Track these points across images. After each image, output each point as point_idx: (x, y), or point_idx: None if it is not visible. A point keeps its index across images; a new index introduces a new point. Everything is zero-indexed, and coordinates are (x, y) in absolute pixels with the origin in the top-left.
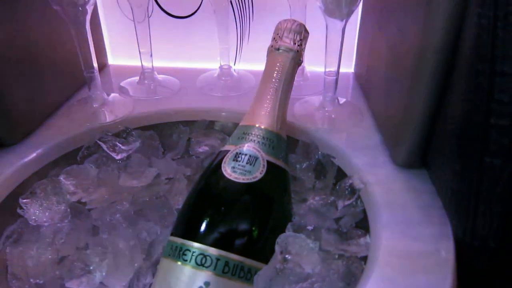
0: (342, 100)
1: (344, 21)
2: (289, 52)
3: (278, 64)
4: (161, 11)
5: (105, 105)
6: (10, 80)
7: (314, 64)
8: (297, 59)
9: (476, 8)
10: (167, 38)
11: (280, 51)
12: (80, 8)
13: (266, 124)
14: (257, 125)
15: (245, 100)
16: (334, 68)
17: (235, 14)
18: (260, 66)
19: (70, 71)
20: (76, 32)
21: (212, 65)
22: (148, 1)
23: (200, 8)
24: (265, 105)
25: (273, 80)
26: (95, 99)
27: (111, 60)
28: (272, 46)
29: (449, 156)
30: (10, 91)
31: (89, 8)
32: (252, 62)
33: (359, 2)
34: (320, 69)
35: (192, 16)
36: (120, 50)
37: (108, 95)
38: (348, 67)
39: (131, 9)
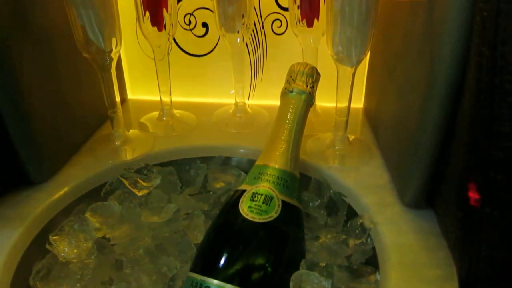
0: (351, 137)
1: (354, 68)
2: (301, 95)
3: (291, 106)
4: (179, 50)
5: (126, 143)
6: (40, 119)
7: (325, 99)
8: (309, 101)
9: (475, 74)
10: (185, 74)
11: (294, 93)
12: (107, 56)
13: (280, 164)
14: (271, 165)
15: (259, 137)
16: (344, 110)
17: (250, 53)
18: (273, 101)
19: (94, 108)
20: (102, 76)
21: (227, 99)
22: (169, 43)
23: (217, 47)
24: (279, 145)
25: (287, 121)
26: (117, 137)
27: (130, 94)
28: (286, 88)
29: (453, 203)
30: (40, 129)
31: (115, 56)
32: (265, 98)
33: (367, 52)
34: (331, 104)
35: (209, 54)
36: (140, 85)
37: (129, 130)
38: (357, 103)
39: (152, 48)
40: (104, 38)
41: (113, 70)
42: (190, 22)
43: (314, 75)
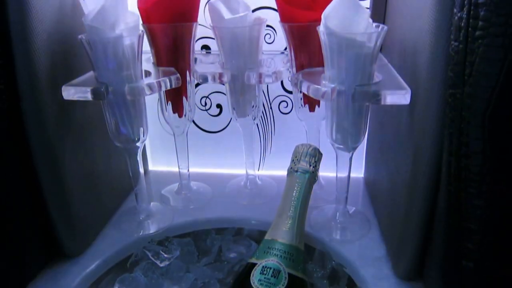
0: (352, 210)
1: (351, 153)
2: (305, 174)
3: (296, 185)
4: (196, 127)
5: (149, 216)
6: (76, 197)
7: (328, 169)
8: (312, 179)
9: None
10: (201, 148)
11: (298, 173)
12: (135, 144)
13: (286, 239)
14: (279, 240)
15: (269, 207)
16: (344, 188)
17: (259, 129)
18: (281, 172)
19: (121, 183)
20: (130, 159)
21: (240, 170)
22: (187, 125)
23: (229, 125)
24: (286, 221)
25: (293, 199)
26: (141, 211)
27: (151, 165)
28: (291, 168)
29: (437, 280)
30: (75, 207)
31: (141, 144)
32: (274, 168)
33: (362, 140)
34: (334, 174)
35: (222, 131)
36: (160, 157)
37: (151, 203)
38: (358, 172)
39: (171, 127)
40: (133, 130)
41: (139, 156)
42: (206, 103)
43: (316, 155)
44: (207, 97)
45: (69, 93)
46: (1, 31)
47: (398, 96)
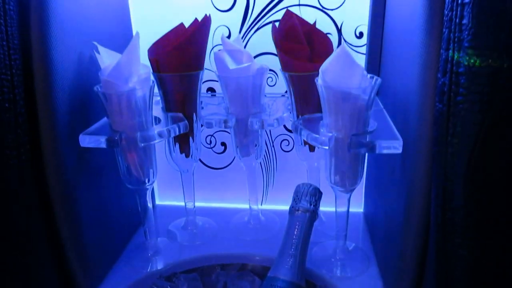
0: (351, 246)
1: (349, 194)
2: (306, 213)
3: (297, 224)
4: (202, 164)
5: (158, 252)
6: (89, 233)
7: (328, 204)
8: (313, 217)
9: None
10: (206, 183)
11: (299, 212)
12: (145, 186)
13: (288, 276)
14: (281, 278)
15: (272, 243)
16: (343, 226)
17: (262, 166)
18: (283, 206)
19: (130, 219)
20: (140, 199)
21: (243, 204)
22: (193, 164)
23: (233, 162)
24: (287, 259)
25: (294, 237)
26: (150, 247)
27: (158, 200)
28: (292, 207)
29: None
30: (89, 244)
31: (150, 186)
32: (277, 202)
33: (360, 182)
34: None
35: (227, 168)
36: (166, 192)
37: (158, 238)
38: (358, 207)
39: (178, 167)
40: (143, 172)
41: (149, 196)
42: (211, 142)
43: (316, 194)
44: (212, 135)
45: (86, 141)
46: (26, 88)
47: (391, 146)
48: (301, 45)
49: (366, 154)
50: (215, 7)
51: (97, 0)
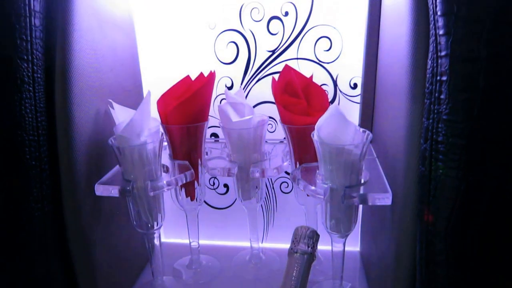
0: (348, 286)
1: (344, 238)
2: (304, 255)
3: (296, 265)
4: (206, 204)
5: None
6: (101, 273)
7: (326, 243)
8: (311, 259)
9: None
10: (210, 222)
11: (298, 254)
12: (153, 230)
13: None
14: None
15: (272, 281)
16: (339, 269)
17: (263, 207)
18: (283, 244)
19: (138, 258)
20: (148, 242)
21: (245, 242)
22: (198, 207)
23: (235, 202)
24: None
25: (293, 278)
26: (157, 286)
27: (164, 237)
28: (291, 249)
29: None
30: (101, 281)
31: (158, 230)
32: (277, 241)
33: (353, 228)
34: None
35: (229, 208)
36: (172, 230)
37: (164, 277)
38: (355, 246)
39: (184, 209)
40: (152, 217)
41: (156, 237)
42: (214, 183)
43: (314, 237)
44: (215, 178)
45: (100, 190)
46: (50, 145)
47: (382, 199)
48: (298, 100)
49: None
50: (219, 60)
51: (111, 60)
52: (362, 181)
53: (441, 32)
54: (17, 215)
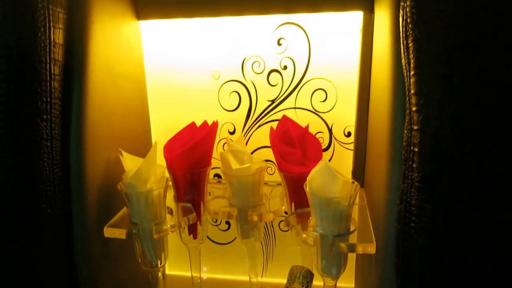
0: None
1: (335, 280)
2: None
3: None
4: (208, 239)
5: None
6: None
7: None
8: None
9: None
10: (212, 256)
11: None
12: (158, 268)
13: None
14: None
15: None
16: None
17: (262, 244)
18: (281, 279)
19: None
20: (153, 279)
21: (245, 276)
22: (200, 244)
23: (236, 238)
24: None
25: None
26: None
27: (168, 269)
28: (286, 287)
29: None
30: None
31: (162, 268)
32: (276, 275)
33: (343, 271)
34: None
35: (231, 243)
36: (175, 262)
37: None
38: (349, 282)
39: (186, 246)
40: (157, 256)
41: (160, 276)
42: (216, 220)
43: (308, 276)
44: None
45: (109, 232)
46: (64, 194)
47: (366, 248)
48: (294, 149)
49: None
50: (222, 107)
51: (122, 109)
52: (351, 228)
53: (414, 108)
54: (32, 258)
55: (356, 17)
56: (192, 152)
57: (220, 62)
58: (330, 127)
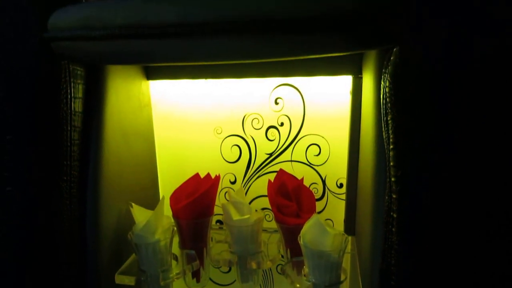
0: None
1: None
2: None
3: None
4: (210, 281)
5: None
6: None
7: None
8: None
9: None
10: None
11: None
12: None
13: None
14: None
15: None
16: None
17: (261, 285)
18: None
19: None
20: None
21: None
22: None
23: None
24: None
25: None
26: None
27: None
28: None
29: None
30: None
31: None
32: None
33: None
34: None
35: (232, 284)
36: None
37: None
38: None
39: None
40: None
41: None
42: (218, 262)
43: None
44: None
45: (119, 279)
46: (81, 248)
47: None
48: (290, 202)
49: None
50: (224, 159)
51: (133, 164)
52: (342, 277)
53: (393, 179)
54: None
55: (346, 80)
56: (196, 203)
57: (222, 118)
58: (323, 179)
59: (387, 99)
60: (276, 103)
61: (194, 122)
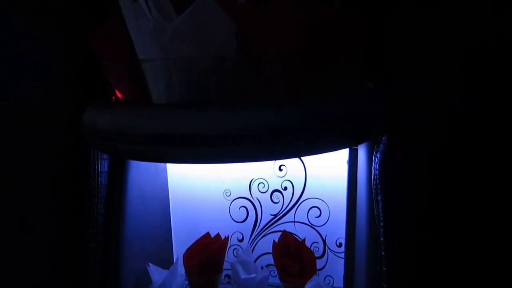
0: None
1: None
2: None
3: None
4: None
5: None
6: None
7: None
8: None
9: None
10: None
11: None
12: None
13: None
14: None
15: None
16: None
17: None
18: None
19: None
20: None
21: None
22: None
23: None
24: None
25: None
26: None
27: None
28: None
29: None
30: None
31: None
32: None
33: None
34: None
35: None
36: None
37: None
38: None
39: None
40: None
41: None
42: None
43: None
44: None
45: None
46: None
47: None
48: (292, 262)
49: None
50: (232, 219)
51: (149, 225)
52: None
53: (383, 253)
54: None
55: (344, 151)
56: (207, 262)
57: (231, 182)
58: (324, 238)
59: (377, 181)
60: (280, 169)
61: (205, 185)
